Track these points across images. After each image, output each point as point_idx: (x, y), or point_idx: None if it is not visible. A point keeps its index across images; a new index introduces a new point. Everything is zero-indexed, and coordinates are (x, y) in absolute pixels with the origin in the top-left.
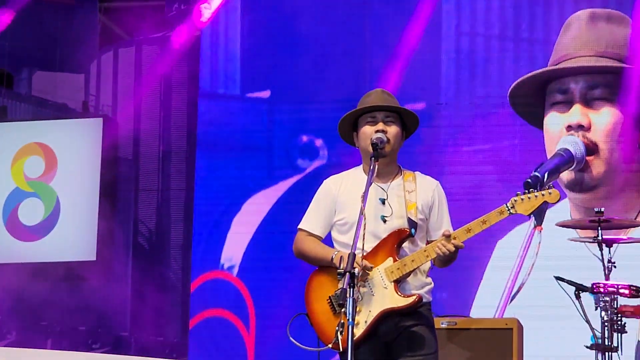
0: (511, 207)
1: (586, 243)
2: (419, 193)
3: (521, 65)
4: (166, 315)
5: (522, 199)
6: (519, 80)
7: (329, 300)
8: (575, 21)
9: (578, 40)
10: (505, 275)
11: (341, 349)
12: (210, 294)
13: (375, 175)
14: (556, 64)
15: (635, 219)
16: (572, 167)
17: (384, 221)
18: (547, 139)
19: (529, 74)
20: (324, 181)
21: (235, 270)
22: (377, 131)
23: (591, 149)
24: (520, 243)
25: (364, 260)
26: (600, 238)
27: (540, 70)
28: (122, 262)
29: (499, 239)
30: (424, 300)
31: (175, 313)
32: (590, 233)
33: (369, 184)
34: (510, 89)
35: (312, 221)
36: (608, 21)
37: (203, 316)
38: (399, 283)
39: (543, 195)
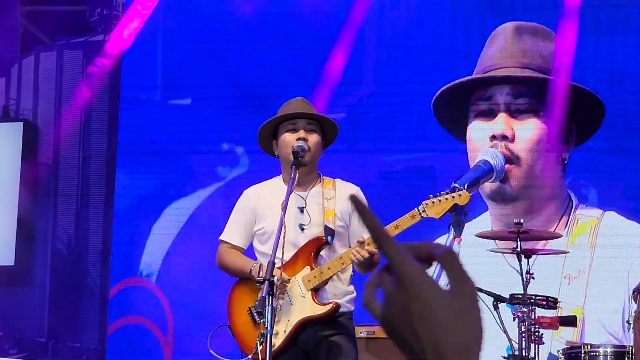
0: (422, 211)
1: (505, 254)
2: (337, 200)
3: (442, 76)
4: (84, 322)
5: (432, 202)
6: (443, 89)
7: (249, 312)
8: (501, 33)
9: (504, 52)
10: None
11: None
12: (129, 300)
13: (295, 183)
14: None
15: (554, 231)
16: (492, 179)
17: (302, 229)
18: (470, 149)
19: (454, 82)
20: (243, 192)
21: (154, 278)
22: (298, 139)
23: (513, 160)
24: None
25: (282, 273)
26: (519, 249)
27: (465, 78)
28: (40, 268)
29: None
30: (344, 309)
31: (93, 319)
32: (510, 244)
33: (289, 192)
34: (434, 98)
35: (232, 232)
36: (534, 34)
37: (121, 323)
38: (317, 291)
39: (453, 197)
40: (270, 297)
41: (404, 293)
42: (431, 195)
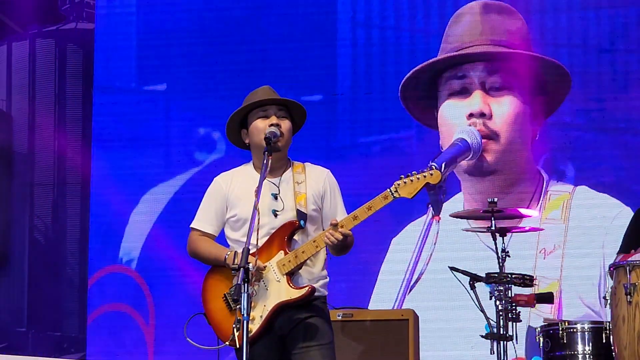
0: (395, 191)
1: (479, 234)
2: (308, 183)
3: (417, 55)
4: (64, 311)
5: (404, 182)
6: (411, 72)
7: (224, 298)
8: (467, 12)
9: (473, 30)
10: (404, 266)
11: (237, 346)
12: (109, 288)
13: (268, 169)
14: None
15: (527, 208)
16: (469, 157)
17: (275, 215)
18: (444, 129)
19: (428, 62)
20: (214, 179)
21: (134, 264)
22: (271, 125)
23: (492, 137)
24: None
25: (258, 260)
26: (493, 228)
27: (442, 57)
28: (18, 257)
29: (396, 232)
30: (319, 293)
31: (73, 308)
32: (484, 223)
33: (262, 178)
34: (402, 82)
35: (204, 220)
36: (500, 13)
37: (102, 310)
38: (292, 276)
39: (425, 176)
40: (245, 285)
41: None
42: (402, 176)
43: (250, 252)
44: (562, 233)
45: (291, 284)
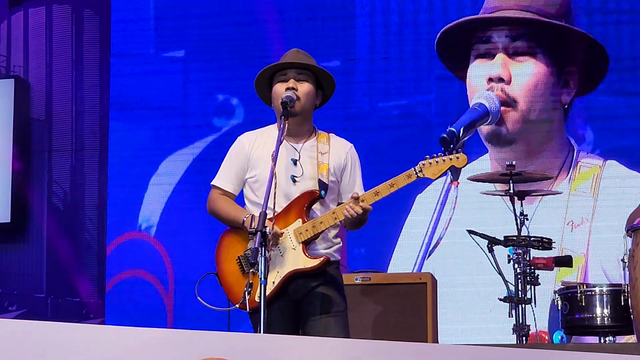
0: (419, 171)
1: (505, 198)
2: (331, 155)
3: (435, 20)
4: (82, 277)
5: (430, 163)
6: (446, 28)
7: (237, 261)
8: None
9: None
10: (423, 230)
11: (248, 309)
12: (128, 254)
13: (286, 134)
14: None
15: (557, 175)
16: (488, 121)
17: (294, 181)
18: (470, 91)
19: (455, 22)
20: (238, 137)
21: (153, 231)
22: (287, 89)
23: (509, 103)
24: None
25: (275, 226)
26: (511, 191)
27: (463, 19)
28: (37, 224)
29: (418, 193)
30: (332, 259)
31: (91, 274)
32: (504, 186)
33: (279, 142)
34: (437, 38)
35: (224, 178)
36: None
37: (121, 277)
38: (308, 244)
39: (451, 159)
40: (262, 248)
41: None
42: (428, 156)
43: (268, 217)
44: (590, 206)
45: (307, 253)
